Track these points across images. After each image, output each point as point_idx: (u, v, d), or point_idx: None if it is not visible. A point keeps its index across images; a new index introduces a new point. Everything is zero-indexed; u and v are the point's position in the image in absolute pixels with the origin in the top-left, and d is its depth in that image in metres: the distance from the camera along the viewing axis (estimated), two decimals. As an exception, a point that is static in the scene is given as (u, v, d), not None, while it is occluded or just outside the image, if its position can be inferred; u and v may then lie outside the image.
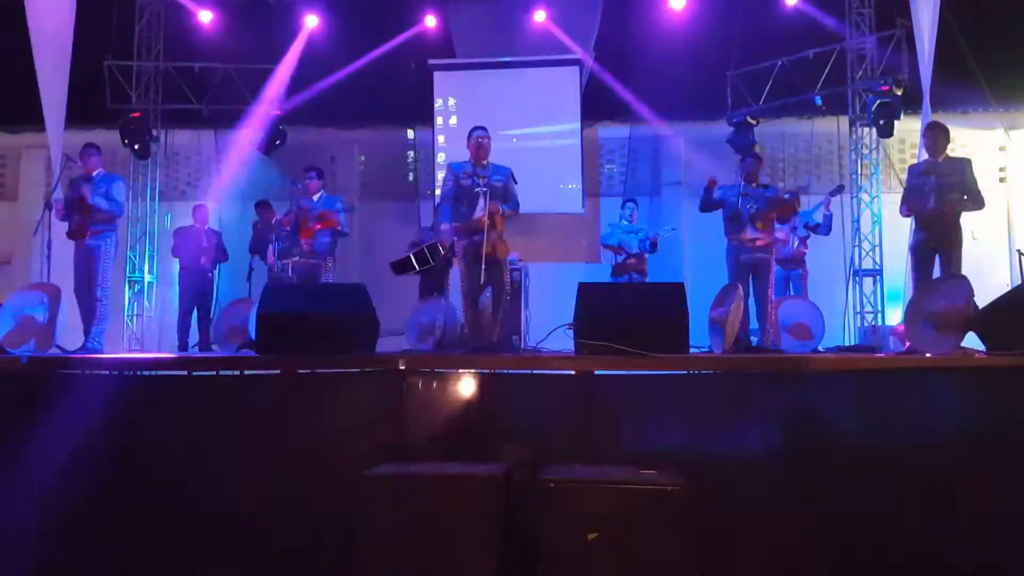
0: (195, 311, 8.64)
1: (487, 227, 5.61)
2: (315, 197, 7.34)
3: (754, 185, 6.67)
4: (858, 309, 9.70)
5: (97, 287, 6.43)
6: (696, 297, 5.01)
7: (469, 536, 3.54)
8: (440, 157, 10.74)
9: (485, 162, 5.85)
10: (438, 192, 10.10)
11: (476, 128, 5.90)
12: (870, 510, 3.85)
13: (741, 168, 6.82)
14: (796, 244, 8.07)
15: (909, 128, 9.60)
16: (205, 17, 10.39)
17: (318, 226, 7.13)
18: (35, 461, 4.25)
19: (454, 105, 10.88)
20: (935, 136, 6.11)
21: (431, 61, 10.83)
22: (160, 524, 4.17)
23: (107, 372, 4.58)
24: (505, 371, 4.45)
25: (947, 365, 4.26)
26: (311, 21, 10.52)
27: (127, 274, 10.37)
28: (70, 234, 6.63)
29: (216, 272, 8.73)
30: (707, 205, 6.75)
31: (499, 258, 5.81)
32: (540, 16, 10.52)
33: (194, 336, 8.64)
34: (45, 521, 4.18)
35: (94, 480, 4.21)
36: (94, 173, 6.60)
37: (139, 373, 4.64)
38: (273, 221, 8.21)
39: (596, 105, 10.83)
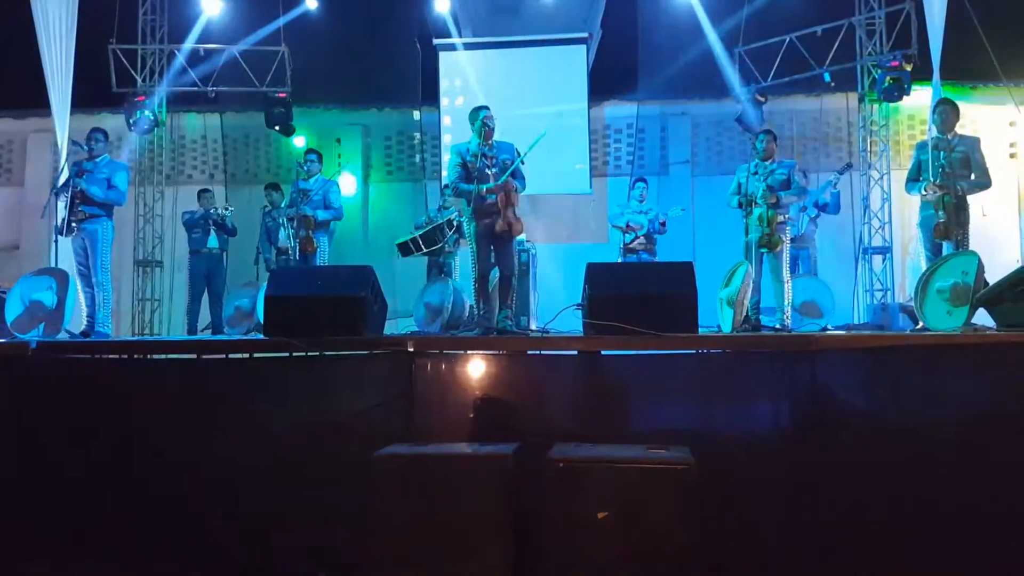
0: (205, 294, 8.64)
1: (503, 204, 5.59)
2: (311, 180, 7.38)
3: (765, 164, 6.55)
4: (867, 287, 9.66)
5: (98, 270, 6.41)
6: (705, 276, 4.98)
7: (479, 515, 3.55)
8: (446, 138, 10.70)
9: (490, 141, 5.82)
10: (444, 174, 10.10)
11: (480, 108, 5.87)
12: (880, 487, 3.84)
13: (755, 146, 6.70)
14: (806, 223, 8.02)
15: (918, 104, 9.49)
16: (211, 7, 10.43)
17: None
18: (45, 445, 4.29)
19: (460, 85, 10.82)
20: (945, 112, 6.06)
21: (436, 41, 10.75)
22: (169, 506, 4.19)
23: (116, 356, 4.60)
24: (514, 352, 4.45)
25: (957, 342, 4.24)
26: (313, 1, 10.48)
27: (135, 258, 10.38)
28: (60, 231, 6.43)
29: (226, 254, 8.72)
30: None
31: (513, 235, 5.80)
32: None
33: (204, 319, 8.65)
34: (54, 503, 4.22)
35: (102, 462, 4.24)
36: (98, 158, 6.54)
37: (148, 357, 4.66)
38: (281, 205, 8.21)
39: (603, 83, 10.74)
